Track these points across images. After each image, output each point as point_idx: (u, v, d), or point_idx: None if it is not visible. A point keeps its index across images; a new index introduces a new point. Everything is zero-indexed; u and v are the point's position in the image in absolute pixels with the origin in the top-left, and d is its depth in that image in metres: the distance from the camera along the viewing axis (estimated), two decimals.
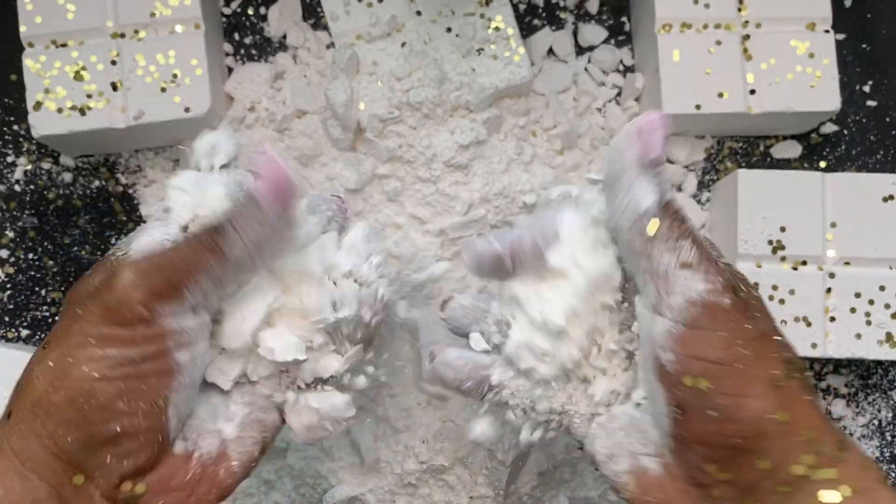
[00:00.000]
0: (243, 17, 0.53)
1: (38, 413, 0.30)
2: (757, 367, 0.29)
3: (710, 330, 0.30)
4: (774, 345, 0.30)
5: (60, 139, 0.47)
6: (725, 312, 0.30)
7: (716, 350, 0.30)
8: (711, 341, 0.30)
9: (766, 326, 0.31)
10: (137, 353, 0.30)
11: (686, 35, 0.48)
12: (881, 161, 0.52)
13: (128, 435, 0.30)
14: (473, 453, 0.45)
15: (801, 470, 0.29)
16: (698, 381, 0.30)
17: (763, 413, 0.29)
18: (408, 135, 0.46)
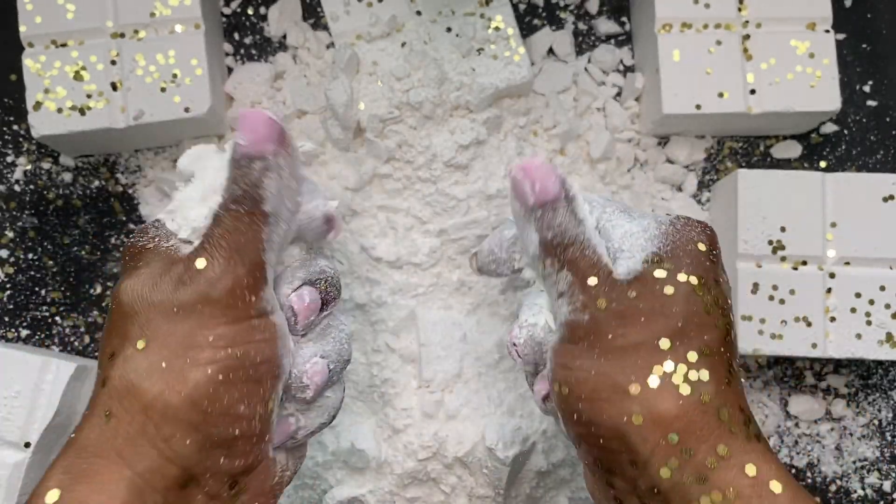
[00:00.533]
0: (243, 17, 0.53)
1: (151, 416, 0.29)
2: (617, 375, 0.31)
3: (572, 343, 0.32)
4: (648, 352, 0.31)
5: (60, 139, 0.47)
6: (583, 327, 0.32)
7: (575, 358, 0.32)
8: (573, 352, 0.32)
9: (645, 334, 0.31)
10: (256, 353, 0.30)
11: (686, 35, 0.48)
12: (881, 161, 0.52)
13: (244, 437, 0.31)
14: (473, 453, 0.45)
15: (666, 473, 0.30)
16: (562, 387, 0.32)
17: (617, 417, 0.31)
18: (408, 135, 0.46)
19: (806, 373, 0.51)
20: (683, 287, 0.32)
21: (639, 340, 0.31)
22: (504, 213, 0.47)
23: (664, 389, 0.31)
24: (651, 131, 0.51)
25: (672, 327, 0.31)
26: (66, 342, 0.50)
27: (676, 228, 0.34)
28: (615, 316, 0.32)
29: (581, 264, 0.33)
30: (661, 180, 0.52)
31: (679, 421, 0.30)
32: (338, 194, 0.46)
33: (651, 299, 0.32)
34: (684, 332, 0.32)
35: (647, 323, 0.32)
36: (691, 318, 0.32)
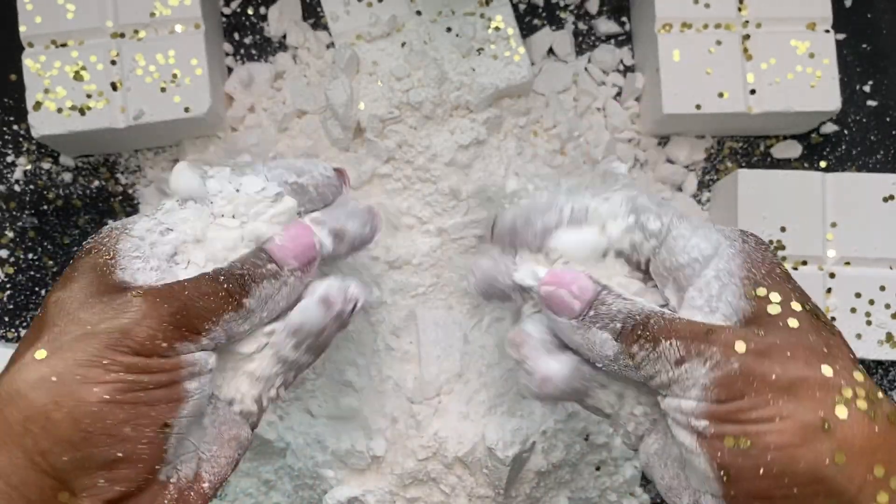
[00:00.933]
0: (243, 17, 0.53)
1: (30, 428, 0.28)
2: (801, 414, 0.28)
3: (733, 400, 0.29)
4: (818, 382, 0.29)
5: (60, 139, 0.47)
6: (741, 375, 0.29)
7: (750, 412, 0.29)
8: (741, 407, 0.29)
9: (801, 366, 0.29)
10: (151, 379, 0.29)
11: (686, 35, 0.48)
12: (881, 161, 0.52)
13: (127, 461, 0.29)
14: (473, 453, 0.45)
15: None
16: (739, 440, 0.29)
17: (817, 461, 0.28)
18: (408, 135, 0.46)
19: None
20: (804, 316, 0.30)
21: (802, 374, 0.29)
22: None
23: (855, 419, 0.28)
24: (651, 131, 0.51)
25: (820, 353, 0.29)
26: None
27: (752, 246, 0.32)
28: (761, 355, 0.29)
29: (678, 327, 0.30)
30: (661, 180, 0.52)
31: (880, 451, 0.28)
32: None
33: (782, 334, 0.30)
34: (833, 355, 0.29)
35: (794, 356, 0.29)
36: (827, 341, 0.30)
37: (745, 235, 0.33)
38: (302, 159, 0.37)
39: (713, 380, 0.30)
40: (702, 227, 0.33)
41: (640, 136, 0.52)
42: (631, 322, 0.31)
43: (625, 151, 0.51)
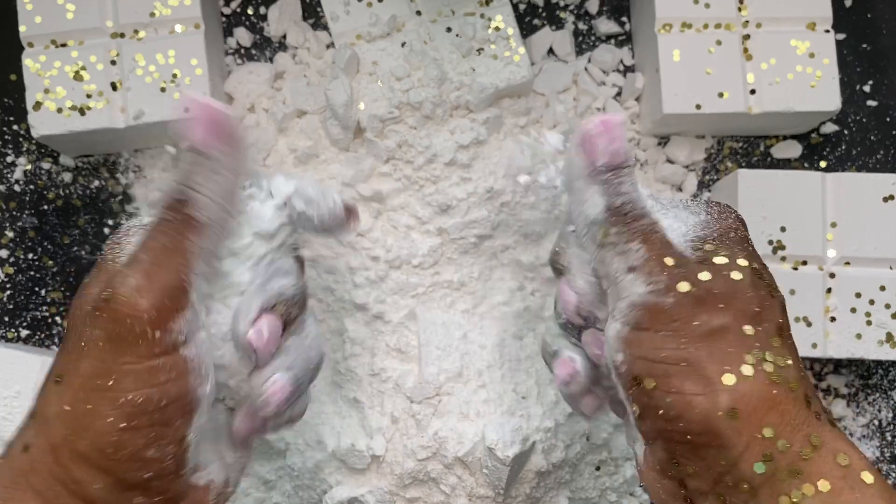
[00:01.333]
0: (243, 17, 0.53)
1: (60, 458, 0.28)
2: (707, 364, 0.29)
3: (653, 330, 0.30)
4: (735, 338, 0.30)
5: (60, 139, 0.47)
6: (667, 312, 0.30)
7: (658, 349, 0.30)
8: (654, 341, 0.30)
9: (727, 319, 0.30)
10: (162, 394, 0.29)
11: (686, 35, 0.48)
12: (881, 161, 0.52)
13: (157, 477, 0.29)
14: (473, 453, 0.45)
15: (761, 468, 0.28)
16: (645, 380, 0.30)
17: (711, 411, 0.29)
18: (408, 135, 0.46)
19: (806, 373, 0.51)
20: (748, 272, 0.31)
21: (724, 324, 0.30)
22: (505, 213, 0.47)
23: (758, 379, 0.29)
24: (651, 131, 0.51)
25: (750, 312, 0.30)
26: None
27: (713, 217, 0.33)
28: (696, 301, 0.30)
29: (655, 239, 0.31)
30: (661, 180, 0.52)
31: (773, 412, 0.29)
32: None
33: (724, 284, 0.30)
34: (762, 316, 0.30)
35: (726, 308, 0.30)
36: (762, 301, 0.30)
37: (710, 206, 0.34)
38: (315, 186, 0.35)
39: (643, 303, 0.31)
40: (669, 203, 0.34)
41: (640, 136, 0.52)
42: (628, 207, 0.32)
43: None
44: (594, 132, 0.32)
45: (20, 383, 0.44)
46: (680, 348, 0.30)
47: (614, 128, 0.32)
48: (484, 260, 0.47)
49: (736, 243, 0.32)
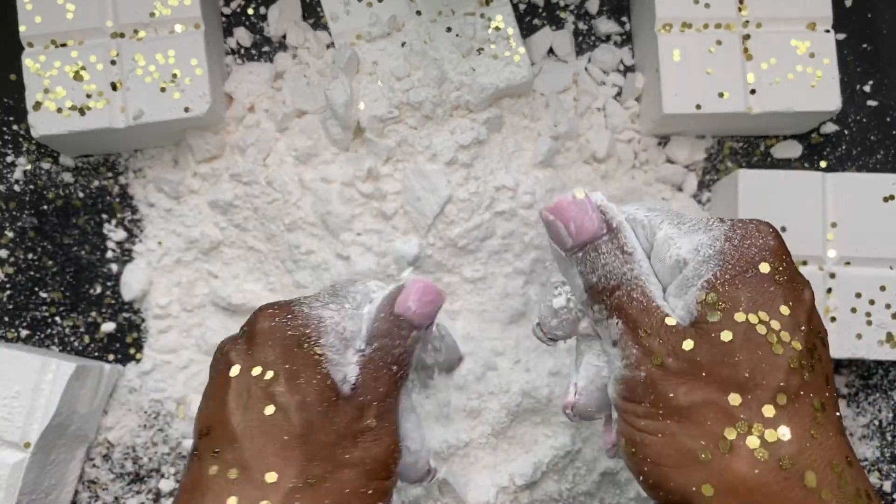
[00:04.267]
0: (243, 16, 0.52)
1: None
2: (684, 438, 0.28)
3: (635, 402, 0.30)
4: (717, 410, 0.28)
5: (60, 139, 0.47)
6: (641, 385, 0.30)
7: (639, 418, 0.30)
8: (636, 410, 0.30)
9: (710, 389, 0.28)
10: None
11: (686, 35, 0.48)
12: (881, 161, 0.52)
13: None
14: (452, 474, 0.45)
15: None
16: (628, 445, 0.30)
17: (686, 486, 0.28)
18: (408, 134, 0.46)
19: None
20: (742, 328, 0.28)
21: (705, 398, 0.28)
22: (505, 213, 0.47)
23: (738, 456, 0.27)
24: (651, 131, 0.51)
25: (739, 379, 0.28)
26: (65, 342, 0.50)
27: (734, 245, 0.30)
28: (674, 372, 0.29)
29: (631, 310, 0.30)
30: (661, 180, 0.52)
31: (755, 493, 0.27)
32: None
33: (710, 349, 0.28)
34: (754, 381, 0.28)
35: (709, 377, 0.28)
36: (758, 363, 0.28)
37: (734, 230, 0.31)
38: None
39: (622, 377, 0.30)
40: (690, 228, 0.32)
41: (640, 136, 0.52)
42: (604, 283, 0.31)
43: (625, 151, 0.51)
44: (550, 220, 0.32)
45: (20, 383, 0.44)
46: (657, 421, 0.29)
47: (568, 208, 0.31)
48: (484, 258, 0.47)
49: (746, 286, 0.29)
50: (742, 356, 0.28)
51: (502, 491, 0.45)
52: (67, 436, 0.46)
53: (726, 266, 0.30)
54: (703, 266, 0.30)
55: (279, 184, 0.47)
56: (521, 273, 0.47)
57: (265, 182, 0.47)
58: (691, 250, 0.31)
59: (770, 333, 0.29)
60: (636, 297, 0.30)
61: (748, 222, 0.31)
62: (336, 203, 0.46)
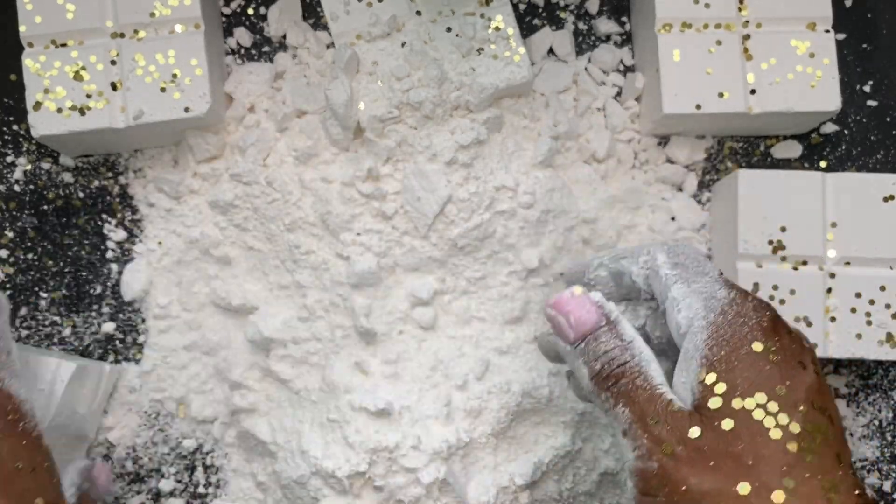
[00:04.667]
0: (243, 16, 0.53)
1: None
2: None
3: (650, 496, 0.30)
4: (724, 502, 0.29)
5: (60, 139, 0.47)
6: (656, 477, 0.30)
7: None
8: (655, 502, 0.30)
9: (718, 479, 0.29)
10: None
11: (686, 35, 0.48)
12: (881, 161, 0.52)
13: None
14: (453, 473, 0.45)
15: None
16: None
17: None
18: (408, 134, 0.46)
19: None
20: (741, 415, 0.29)
21: (716, 488, 0.29)
22: (506, 213, 0.47)
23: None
24: (651, 131, 0.51)
25: (744, 467, 0.29)
26: (65, 342, 0.50)
27: (728, 321, 0.31)
28: (684, 461, 0.29)
29: (637, 397, 0.31)
30: (661, 180, 0.52)
31: None
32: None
33: (714, 438, 0.29)
34: (758, 469, 0.29)
35: (716, 467, 0.29)
36: (759, 450, 0.29)
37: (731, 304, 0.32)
38: None
39: (635, 469, 0.31)
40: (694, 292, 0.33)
41: (640, 136, 0.52)
42: (608, 370, 0.32)
43: (625, 151, 0.51)
44: (552, 315, 0.34)
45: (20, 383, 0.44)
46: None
47: (567, 303, 0.33)
48: (484, 258, 0.47)
49: (742, 368, 0.30)
50: (744, 445, 0.29)
51: (502, 491, 0.45)
52: (68, 435, 0.46)
53: (720, 341, 0.31)
54: (697, 337, 0.31)
55: (279, 184, 0.47)
56: (521, 273, 0.47)
57: (265, 182, 0.47)
58: (687, 318, 0.32)
59: (767, 417, 0.29)
60: (639, 384, 0.31)
61: (747, 299, 0.32)
62: (336, 203, 0.46)
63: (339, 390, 0.45)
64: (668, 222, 0.51)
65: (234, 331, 0.49)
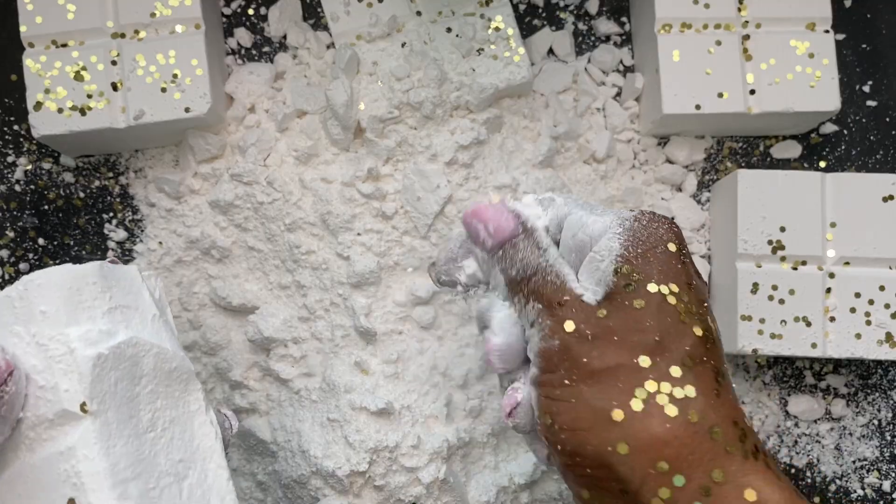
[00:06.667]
0: (243, 17, 0.53)
1: None
2: (596, 401, 0.30)
3: (550, 372, 0.31)
4: (628, 372, 0.30)
5: (61, 139, 0.47)
6: (557, 353, 0.31)
7: (554, 388, 0.31)
8: (552, 381, 0.31)
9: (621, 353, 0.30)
10: None
11: (686, 35, 0.48)
12: (881, 161, 0.53)
13: None
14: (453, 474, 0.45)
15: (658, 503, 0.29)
16: (545, 417, 0.31)
17: (601, 447, 0.29)
18: (408, 135, 0.46)
19: (805, 373, 0.51)
20: (655, 298, 0.31)
21: (616, 362, 0.30)
22: None
23: (649, 413, 0.29)
24: (651, 131, 0.51)
25: (649, 342, 0.30)
26: None
27: (643, 224, 0.33)
28: (587, 338, 0.31)
29: (546, 290, 0.32)
30: (661, 180, 0.52)
31: (668, 447, 0.29)
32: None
33: (622, 316, 0.30)
34: (663, 345, 0.30)
35: (621, 341, 0.30)
36: (667, 329, 0.30)
37: (642, 214, 0.33)
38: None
39: (539, 350, 0.32)
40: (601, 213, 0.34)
41: (640, 137, 0.52)
42: (523, 273, 0.33)
43: (625, 151, 0.51)
44: (471, 223, 0.34)
45: None
46: (571, 386, 0.30)
47: (485, 211, 0.34)
48: None
49: (657, 261, 0.32)
50: (653, 322, 0.30)
51: (502, 490, 0.45)
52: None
53: (637, 241, 0.32)
54: (613, 241, 0.32)
55: (279, 184, 0.47)
56: None
57: (266, 182, 0.47)
58: (601, 229, 0.33)
59: (679, 304, 0.31)
60: (550, 280, 0.32)
61: (652, 212, 0.34)
62: (336, 203, 0.46)
63: (339, 390, 0.45)
64: None
65: (234, 331, 0.49)
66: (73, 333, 0.31)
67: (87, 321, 0.32)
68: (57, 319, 0.32)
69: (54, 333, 0.31)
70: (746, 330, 0.46)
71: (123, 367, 0.33)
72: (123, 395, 0.33)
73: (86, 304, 0.33)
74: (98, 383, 0.31)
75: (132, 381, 0.33)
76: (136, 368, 0.33)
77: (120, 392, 0.32)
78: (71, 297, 0.32)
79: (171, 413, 0.35)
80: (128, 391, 0.33)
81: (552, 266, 0.33)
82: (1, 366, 0.30)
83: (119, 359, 0.32)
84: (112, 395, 0.32)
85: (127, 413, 0.33)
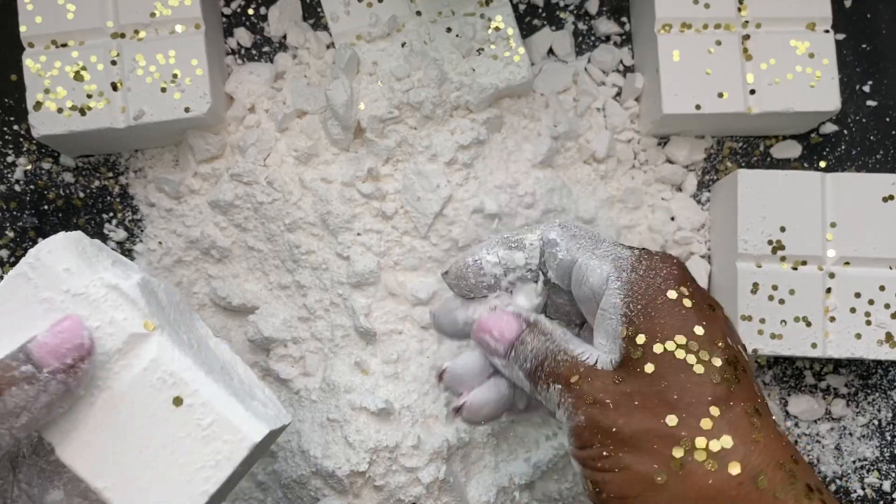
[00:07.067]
0: (243, 17, 0.53)
1: None
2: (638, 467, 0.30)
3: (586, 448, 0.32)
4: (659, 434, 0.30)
5: (60, 139, 0.47)
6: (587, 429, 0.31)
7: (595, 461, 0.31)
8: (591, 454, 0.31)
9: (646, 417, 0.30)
10: None
11: (686, 35, 0.48)
12: (881, 161, 0.53)
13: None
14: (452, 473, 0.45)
15: None
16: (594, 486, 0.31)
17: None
18: (408, 135, 0.46)
19: (805, 373, 0.51)
20: (663, 358, 0.31)
21: (645, 426, 0.30)
22: (505, 212, 0.47)
23: (690, 471, 0.29)
24: (651, 131, 0.51)
25: (669, 401, 0.30)
26: None
27: (640, 275, 0.33)
28: (609, 407, 0.31)
29: (560, 370, 0.33)
30: (661, 180, 0.52)
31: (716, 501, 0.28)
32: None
33: (637, 381, 0.31)
34: (684, 401, 0.30)
35: (642, 406, 0.30)
36: (682, 385, 0.30)
37: (639, 261, 0.33)
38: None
39: (569, 428, 0.32)
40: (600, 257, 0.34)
41: (640, 136, 0.52)
42: (536, 362, 0.34)
43: (625, 151, 0.51)
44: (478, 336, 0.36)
45: None
46: (612, 457, 0.30)
47: (487, 322, 0.35)
48: None
49: (659, 316, 0.31)
50: (667, 382, 0.30)
51: (502, 491, 0.45)
52: None
53: (636, 296, 0.32)
54: (615, 297, 0.32)
55: (279, 184, 0.47)
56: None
57: (265, 182, 0.47)
58: (600, 282, 0.33)
59: (689, 355, 0.30)
60: (561, 360, 0.33)
61: (653, 254, 0.34)
62: (336, 203, 0.46)
63: (339, 390, 0.45)
64: (668, 222, 0.51)
65: (234, 331, 0.49)
66: (106, 276, 0.33)
67: (105, 269, 0.34)
68: (81, 272, 0.33)
69: (87, 282, 0.33)
70: (746, 330, 0.46)
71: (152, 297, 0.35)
72: (164, 319, 0.35)
73: (94, 259, 0.35)
74: (149, 305, 0.33)
75: (161, 308, 0.35)
76: (158, 299, 0.35)
77: (161, 316, 0.35)
78: (82, 253, 0.34)
79: (194, 334, 0.37)
80: (165, 315, 0.35)
81: (559, 346, 0.33)
82: (86, 343, 0.31)
83: (147, 290, 0.34)
84: (160, 316, 0.34)
85: (175, 332, 0.35)
